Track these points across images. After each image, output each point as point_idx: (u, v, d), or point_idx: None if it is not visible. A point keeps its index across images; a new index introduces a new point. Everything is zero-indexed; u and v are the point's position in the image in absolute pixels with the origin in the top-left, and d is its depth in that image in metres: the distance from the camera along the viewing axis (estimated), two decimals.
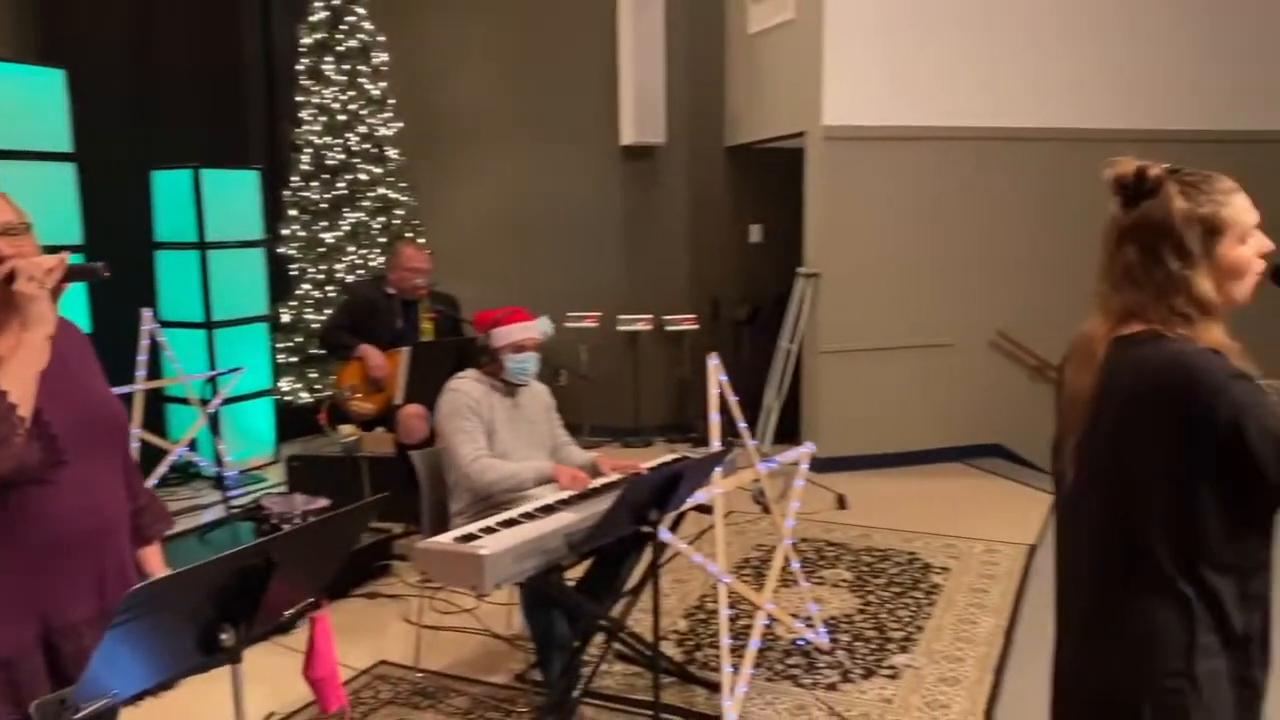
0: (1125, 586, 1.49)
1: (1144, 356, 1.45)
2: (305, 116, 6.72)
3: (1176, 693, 1.44)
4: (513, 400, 3.38)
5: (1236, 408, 1.36)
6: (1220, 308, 1.46)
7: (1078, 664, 1.57)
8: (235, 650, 1.51)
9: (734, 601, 3.93)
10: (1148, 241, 1.47)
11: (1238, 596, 1.45)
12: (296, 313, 6.72)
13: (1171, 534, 1.43)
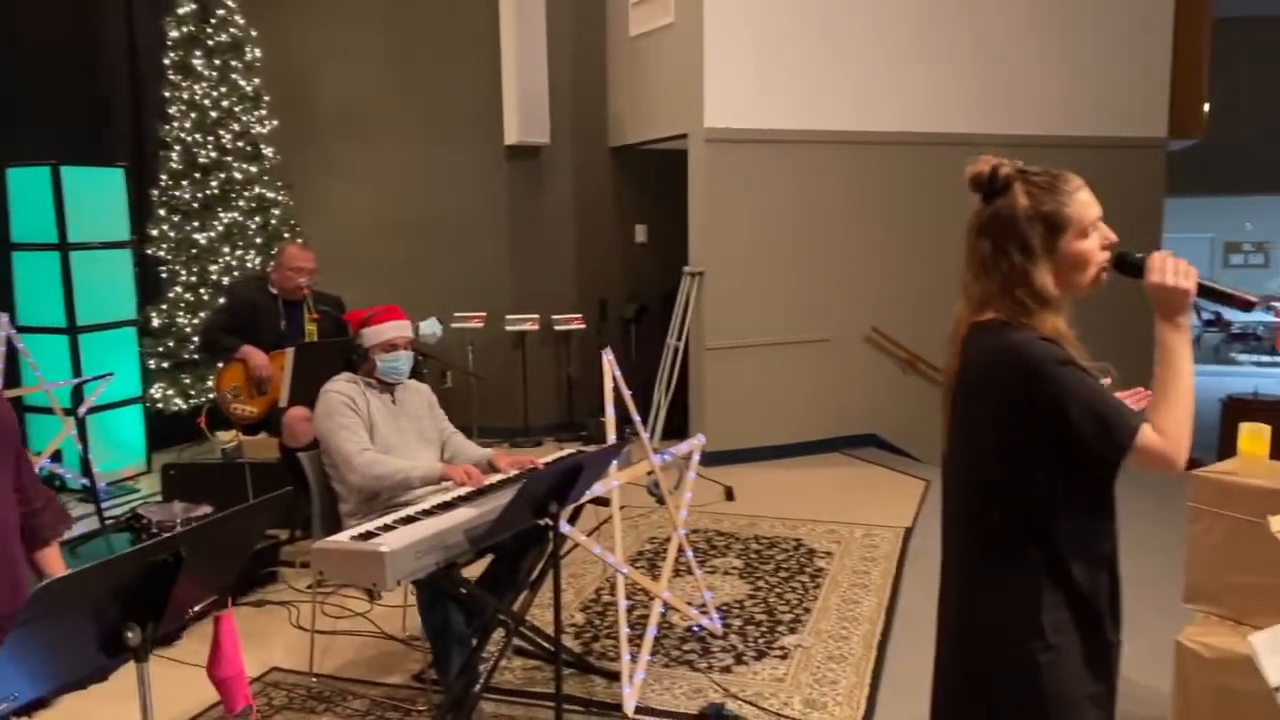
0: (981, 554, 1.63)
1: (987, 344, 1.59)
2: (174, 113, 6.45)
3: (1029, 654, 1.57)
4: (391, 398, 3.37)
5: (1062, 391, 1.51)
6: (1059, 299, 1.60)
7: (949, 629, 1.71)
8: (142, 649, 1.48)
9: (631, 592, 4.01)
10: (997, 236, 1.61)
11: (1082, 560, 1.59)
12: (168, 317, 6.46)
13: (1016, 506, 1.58)
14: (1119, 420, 1.51)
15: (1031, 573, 1.58)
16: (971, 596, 1.66)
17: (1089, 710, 1.61)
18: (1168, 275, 1.59)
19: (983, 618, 1.64)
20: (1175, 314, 1.59)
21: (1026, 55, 6.83)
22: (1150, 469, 1.54)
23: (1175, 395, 1.54)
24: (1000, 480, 1.60)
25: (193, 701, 3.29)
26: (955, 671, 1.72)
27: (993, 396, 1.59)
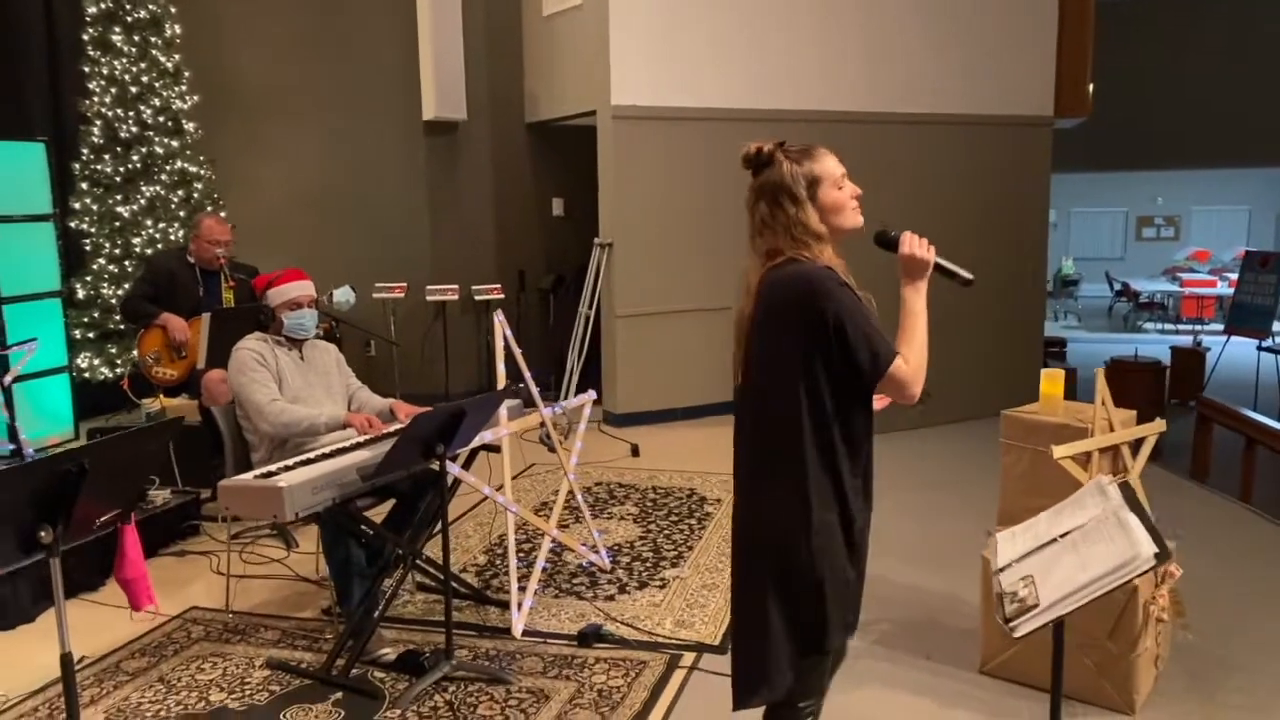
0: (765, 458, 2.00)
1: (781, 274, 1.97)
2: (94, 88, 6.58)
3: (801, 539, 1.95)
4: (299, 354, 3.66)
5: (841, 309, 1.88)
6: (828, 235, 1.98)
7: (740, 519, 2.08)
8: (54, 546, 1.79)
9: (529, 534, 4.37)
10: (772, 196, 1.99)
11: (849, 458, 1.98)
12: (93, 288, 6.61)
13: (799, 413, 1.94)
14: (884, 346, 1.89)
15: (806, 473, 1.94)
16: (757, 490, 2.03)
17: (849, 586, 2.01)
18: (916, 249, 1.98)
19: (765, 508, 2.01)
20: (917, 278, 1.99)
21: (917, 35, 7.22)
22: (890, 394, 1.92)
23: (917, 338, 1.94)
24: (788, 399, 1.95)
25: (115, 636, 3.58)
26: (744, 555, 2.08)
27: (791, 316, 1.93)
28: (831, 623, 1.96)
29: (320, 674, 3.24)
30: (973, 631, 3.35)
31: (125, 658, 3.45)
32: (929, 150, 7.12)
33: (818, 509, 1.95)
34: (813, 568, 1.94)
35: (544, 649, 3.44)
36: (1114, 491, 2.13)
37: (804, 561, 1.96)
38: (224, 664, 3.38)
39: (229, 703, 3.11)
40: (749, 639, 2.01)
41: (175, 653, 3.49)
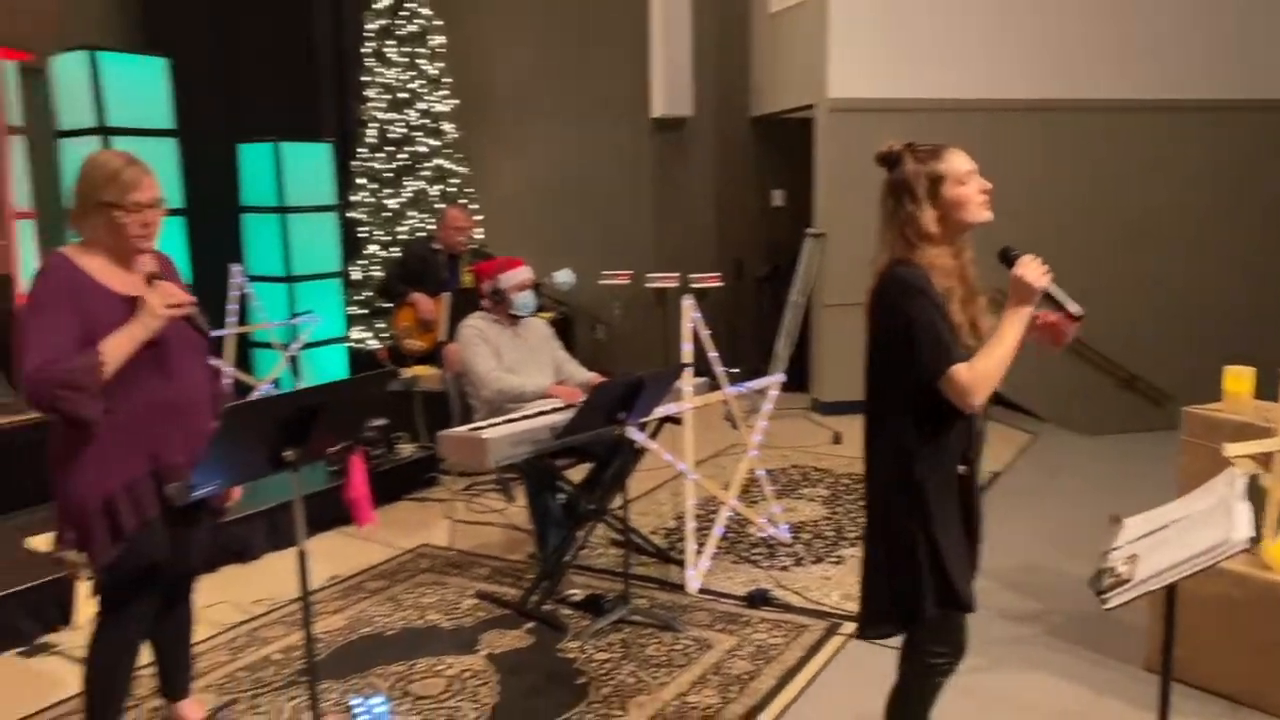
0: (873, 425, 2.21)
1: (887, 274, 2.15)
2: (370, 95, 7.56)
3: (893, 496, 2.15)
4: (514, 330, 4.15)
5: (915, 312, 2.06)
6: (940, 236, 2.14)
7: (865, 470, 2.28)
8: (296, 464, 2.31)
9: (717, 505, 4.69)
10: (896, 193, 2.17)
11: (939, 433, 2.13)
12: (365, 270, 7.61)
13: (890, 389, 2.13)
14: (944, 352, 2.04)
15: (899, 447, 2.14)
16: (869, 462, 2.24)
17: (942, 547, 2.16)
18: (1028, 273, 2.10)
19: (873, 476, 2.22)
20: (1022, 302, 2.11)
21: (1167, 13, 6.79)
22: (952, 396, 2.06)
23: (996, 354, 2.07)
24: (883, 376, 2.16)
25: (363, 561, 4.26)
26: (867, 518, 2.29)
27: (883, 310, 2.15)
28: (925, 580, 2.13)
29: (517, 606, 3.72)
30: (1142, 628, 3.30)
31: (367, 579, 4.11)
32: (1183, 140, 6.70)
33: (928, 473, 2.12)
34: (903, 526, 2.13)
35: (714, 606, 3.74)
36: (1240, 483, 2.14)
37: (896, 517, 2.16)
38: (442, 591, 3.96)
39: (442, 622, 3.66)
40: (865, 579, 2.23)
41: (406, 579, 4.11)
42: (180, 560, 2.61)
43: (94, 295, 2.36)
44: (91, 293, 2.36)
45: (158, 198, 2.45)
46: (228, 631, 3.61)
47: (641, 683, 3.16)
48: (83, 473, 2.37)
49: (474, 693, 3.12)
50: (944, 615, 2.20)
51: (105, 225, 2.40)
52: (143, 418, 2.41)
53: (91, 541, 2.40)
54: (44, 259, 2.47)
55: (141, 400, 2.39)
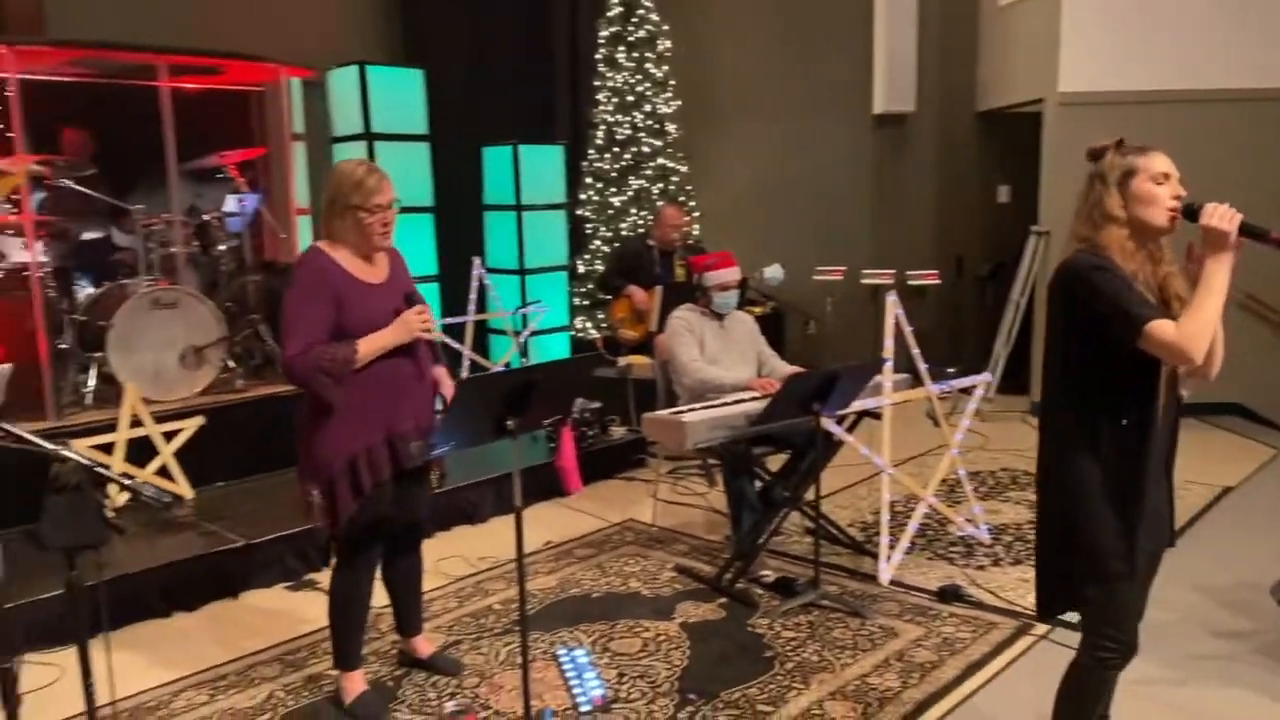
0: (1046, 411, 2.27)
1: (1066, 261, 2.21)
2: (601, 98, 8.01)
3: (1060, 479, 2.20)
4: (720, 324, 4.35)
5: (1094, 286, 2.10)
6: (1126, 221, 2.16)
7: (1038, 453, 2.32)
8: (515, 432, 2.64)
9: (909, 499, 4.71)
10: (1093, 182, 2.22)
11: (1114, 421, 2.14)
12: (590, 264, 8.08)
13: (1064, 377, 2.18)
14: (1138, 309, 2.07)
15: (1070, 433, 2.19)
16: (1041, 446, 2.30)
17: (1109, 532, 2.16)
18: (1215, 219, 2.09)
19: (1043, 460, 2.28)
20: (1218, 249, 2.09)
21: None
22: (1163, 356, 2.07)
23: (1203, 306, 2.06)
24: (1058, 365, 2.22)
25: (575, 530, 4.63)
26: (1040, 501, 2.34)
27: (1061, 296, 2.20)
28: (1099, 560, 2.16)
29: (712, 581, 3.95)
30: None
31: (577, 547, 4.47)
32: None
33: (1075, 458, 2.17)
34: (1068, 507, 2.19)
35: (904, 598, 3.81)
36: None
37: (1062, 500, 2.22)
38: (644, 562, 4.25)
39: (642, 590, 3.94)
40: (1041, 561, 2.31)
41: (612, 549, 4.44)
42: (408, 514, 3.03)
43: (343, 282, 2.81)
44: (341, 280, 2.81)
45: (394, 199, 2.87)
46: (456, 582, 4.06)
47: (825, 661, 3.30)
48: (330, 439, 2.80)
49: (667, 655, 3.38)
50: (1107, 601, 2.22)
51: (352, 225, 2.84)
52: (379, 392, 2.83)
53: (335, 497, 2.83)
54: (305, 252, 2.94)
55: (379, 378, 2.81)
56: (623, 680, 3.21)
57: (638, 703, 3.06)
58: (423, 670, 3.29)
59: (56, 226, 5.09)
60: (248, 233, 5.77)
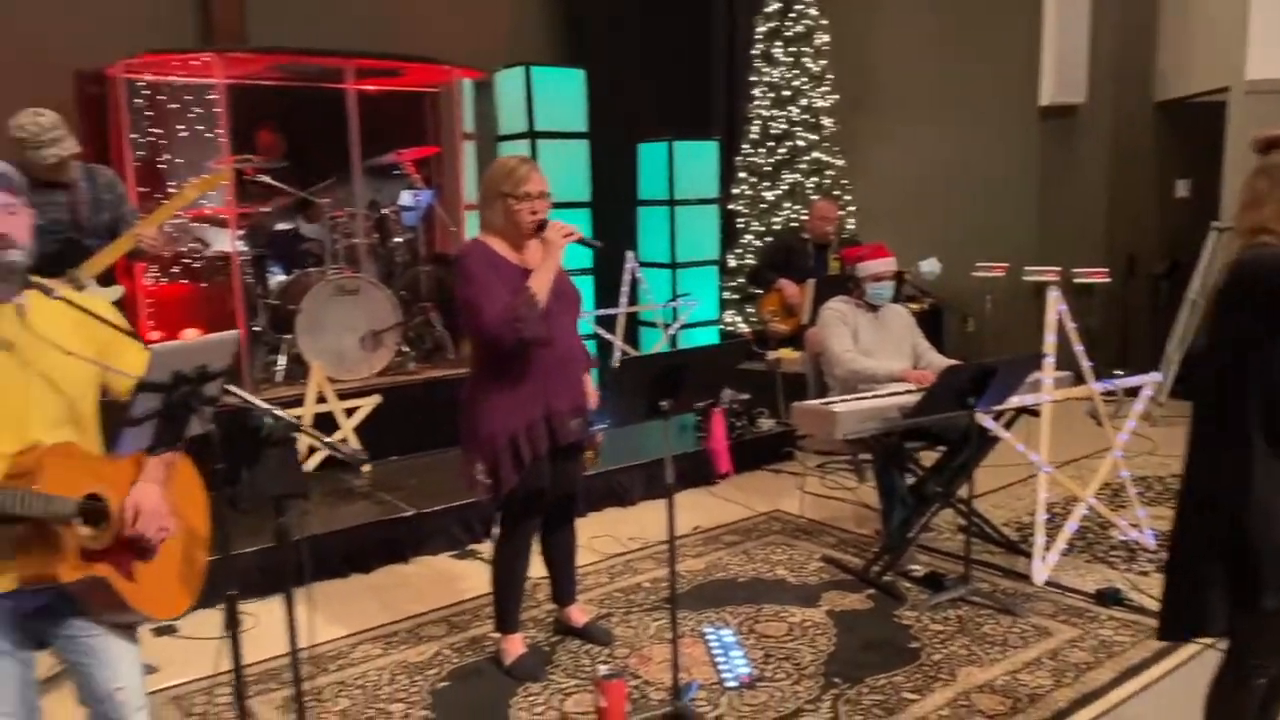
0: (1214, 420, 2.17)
1: (1252, 255, 2.10)
2: (756, 94, 8.06)
3: (1238, 497, 2.09)
4: (874, 316, 4.34)
5: None
6: None
7: (1189, 467, 2.24)
8: (669, 413, 2.76)
9: (1068, 501, 4.57)
10: (1271, 174, 2.13)
11: None
12: (740, 259, 8.15)
13: (1246, 384, 2.09)
14: None
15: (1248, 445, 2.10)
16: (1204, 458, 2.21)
17: None
18: None
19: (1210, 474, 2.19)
20: None
21: None
22: None
23: None
24: (1237, 371, 2.12)
25: (721, 517, 4.73)
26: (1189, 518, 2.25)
27: (1249, 295, 2.08)
28: (1266, 582, 2.07)
29: (859, 573, 3.97)
30: None
31: (724, 533, 4.57)
32: None
33: (1259, 473, 2.07)
34: (1248, 526, 2.07)
35: (1059, 599, 3.72)
36: None
37: (1240, 518, 2.09)
38: (790, 552, 4.30)
39: (789, 578, 4.00)
40: (1179, 578, 2.21)
41: (758, 537, 4.51)
42: (564, 487, 3.20)
43: (501, 266, 3.00)
44: (499, 264, 3.00)
45: (544, 191, 3.02)
46: (607, 560, 4.23)
47: (974, 655, 3.28)
48: (494, 415, 3.00)
49: (812, 640, 3.43)
50: (1261, 631, 2.13)
51: (502, 212, 3.02)
52: (538, 372, 3.00)
53: (498, 470, 3.02)
54: (466, 244, 3.14)
55: (541, 357, 2.99)
56: (768, 661, 3.28)
57: (783, 683, 3.13)
58: (576, 638, 3.46)
59: (253, 219, 5.57)
60: (421, 226, 6.13)
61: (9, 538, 1.87)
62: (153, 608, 2.02)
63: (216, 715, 3.03)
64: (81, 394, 1.97)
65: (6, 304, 1.90)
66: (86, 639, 1.99)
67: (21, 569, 1.89)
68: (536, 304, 2.90)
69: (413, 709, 3.04)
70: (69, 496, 1.87)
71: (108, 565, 1.94)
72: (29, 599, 1.92)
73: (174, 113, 6.13)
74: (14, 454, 1.88)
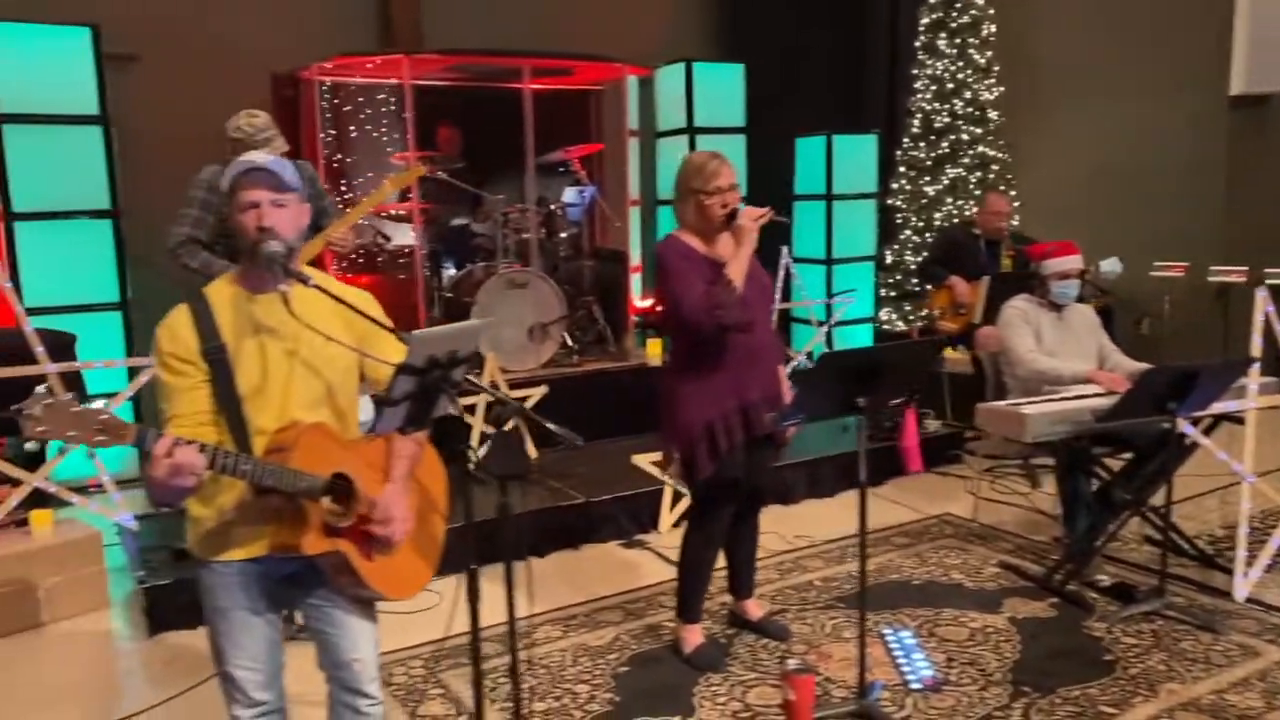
0: None
1: None
2: (918, 87, 7.87)
3: None
4: (1058, 316, 4.17)
5: None
6: None
7: None
8: (864, 410, 2.73)
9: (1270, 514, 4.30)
10: None
11: None
12: (898, 255, 7.98)
13: None
14: None
15: None
16: None
17: None
18: None
19: None
20: None
21: None
22: None
23: None
24: None
25: (895, 519, 4.66)
26: None
27: None
28: None
29: (1041, 580, 3.83)
30: None
31: (894, 534, 4.50)
32: None
33: None
34: None
35: (1264, 617, 3.50)
36: None
37: None
38: (965, 556, 4.20)
39: (965, 582, 3.91)
40: None
41: (930, 540, 4.42)
42: (755, 479, 3.21)
43: (695, 259, 3.05)
44: (692, 257, 3.05)
45: (734, 183, 3.05)
46: (775, 556, 4.23)
47: (1174, 672, 3.12)
48: (692, 405, 3.04)
49: (996, 646, 3.34)
50: None
51: (694, 208, 3.06)
52: (735, 363, 3.03)
53: (694, 459, 3.06)
54: (663, 240, 3.18)
55: (736, 348, 3.01)
56: (951, 665, 3.22)
57: (969, 688, 3.06)
58: (752, 632, 3.47)
59: (431, 214, 5.80)
60: (584, 222, 6.26)
61: (264, 507, 2.01)
62: (388, 588, 2.13)
63: (412, 686, 3.19)
64: (339, 379, 2.10)
65: (273, 292, 2.05)
66: (330, 609, 2.13)
67: (273, 537, 2.03)
68: (734, 290, 2.93)
69: (597, 691, 3.11)
70: (318, 474, 1.99)
71: (349, 543, 2.06)
72: (279, 565, 2.07)
73: (350, 113, 6.46)
74: (274, 430, 2.02)
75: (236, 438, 2.00)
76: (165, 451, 1.76)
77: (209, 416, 2.00)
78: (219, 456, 1.85)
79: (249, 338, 2.04)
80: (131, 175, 5.37)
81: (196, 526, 2.07)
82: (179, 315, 2.04)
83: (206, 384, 2.01)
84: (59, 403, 1.69)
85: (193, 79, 6.05)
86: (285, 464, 1.95)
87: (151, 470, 1.78)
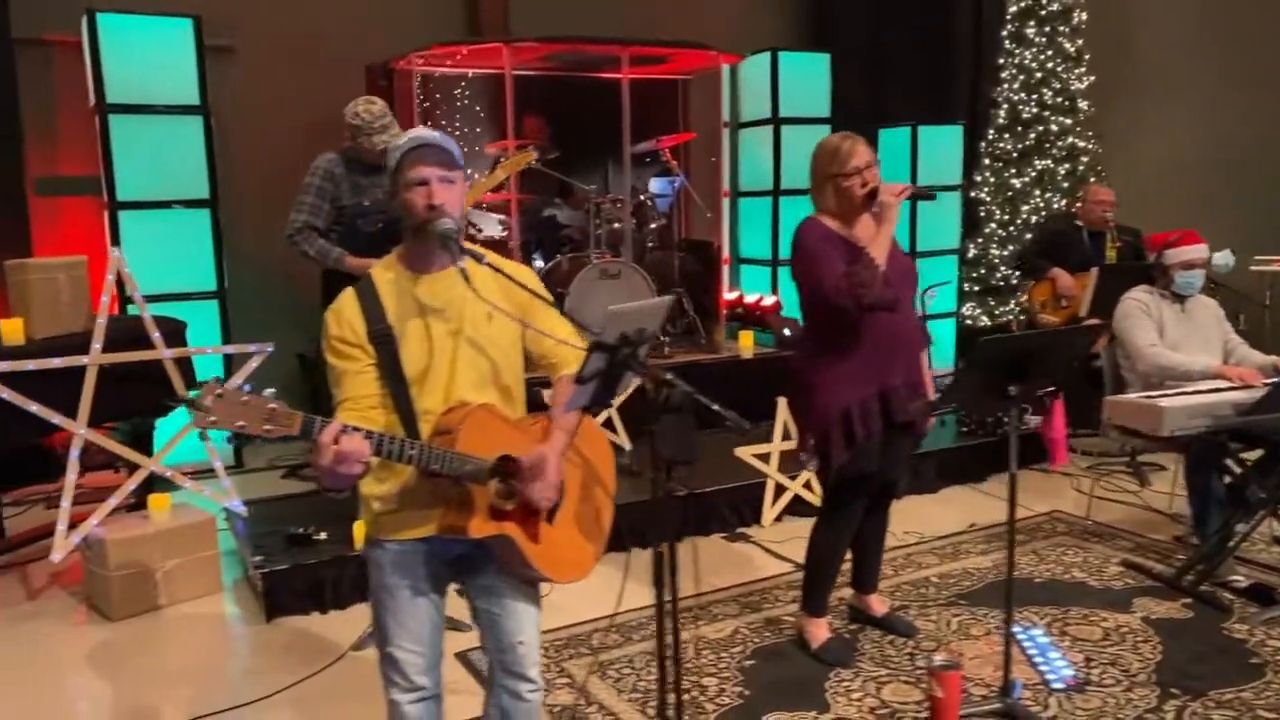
0: None
1: None
2: (1005, 77, 7.69)
3: None
4: (1181, 308, 4.04)
5: None
6: None
7: None
8: (1015, 400, 2.65)
9: None
10: None
11: None
12: (982, 249, 7.81)
13: None
14: None
15: None
16: None
17: None
18: None
19: None
20: None
21: None
22: None
23: None
24: None
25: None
26: None
27: None
28: None
29: (1170, 580, 3.70)
30: None
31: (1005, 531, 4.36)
32: None
33: None
34: None
35: None
36: None
37: None
38: (1084, 554, 4.08)
39: (1089, 581, 3.79)
40: None
41: (1044, 537, 4.31)
42: (889, 470, 3.12)
43: (836, 242, 2.96)
44: (834, 240, 2.97)
45: (870, 160, 2.96)
46: (887, 552, 4.10)
47: None
48: (828, 391, 2.97)
49: (1135, 647, 3.22)
50: None
51: (833, 192, 2.98)
52: (875, 347, 2.94)
53: (829, 446, 2.99)
54: (802, 223, 3.10)
55: (877, 332, 2.93)
56: (1091, 665, 3.11)
57: (1113, 689, 2.96)
58: (876, 628, 3.39)
59: (522, 205, 5.78)
60: (672, 212, 6.20)
61: (432, 489, 1.98)
62: (554, 570, 2.10)
63: None
64: (503, 357, 2.07)
65: (436, 272, 2.02)
66: (498, 591, 2.10)
67: (441, 518, 2.00)
68: (877, 268, 2.85)
69: (726, 684, 3.06)
70: (484, 457, 1.96)
71: (514, 525, 2.02)
72: (448, 546, 2.04)
73: (439, 104, 6.47)
74: (441, 412, 1.99)
75: (404, 420, 1.98)
76: (331, 439, 1.74)
77: (378, 400, 1.98)
78: (385, 443, 1.83)
79: (413, 319, 2.01)
80: (224, 166, 5.42)
81: (369, 506, 2.05)
82: (346, 299, 2.03)
83: (374, 367, 1.99)
84: (229, 393, 1.67)
85: (287, 71, 6.10)
86: (451, 447, 1.92)
87: (318, 458, 1.75)
